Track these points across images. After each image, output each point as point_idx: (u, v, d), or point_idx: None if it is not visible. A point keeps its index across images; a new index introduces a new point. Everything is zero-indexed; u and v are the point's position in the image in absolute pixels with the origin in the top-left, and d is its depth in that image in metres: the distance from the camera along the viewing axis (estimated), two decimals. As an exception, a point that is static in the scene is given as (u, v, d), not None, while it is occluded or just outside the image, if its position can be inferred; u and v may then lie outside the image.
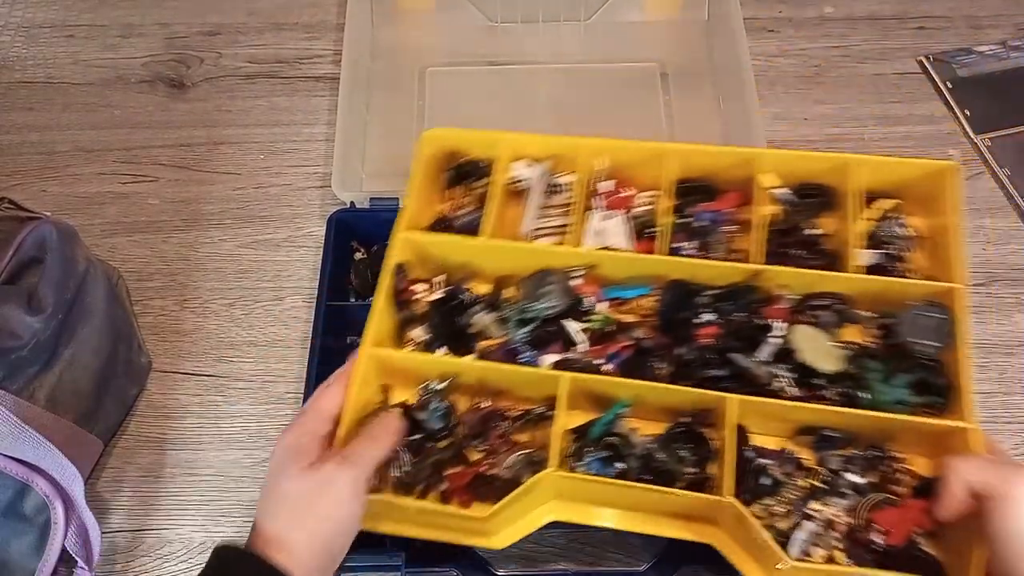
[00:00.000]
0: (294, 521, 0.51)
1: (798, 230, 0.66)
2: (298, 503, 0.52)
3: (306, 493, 0.52)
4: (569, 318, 0.64)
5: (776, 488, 0.57)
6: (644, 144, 0.68)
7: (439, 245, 0.67)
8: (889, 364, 0.59)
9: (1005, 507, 0.47)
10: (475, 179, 0.70)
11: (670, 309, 0.63)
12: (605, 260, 0.65)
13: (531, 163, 0.70)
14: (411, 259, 0.66)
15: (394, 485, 0.60)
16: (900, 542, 0.55)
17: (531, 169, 0.70)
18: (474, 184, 0.70)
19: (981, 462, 0.51)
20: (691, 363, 0.61)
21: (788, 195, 0.67)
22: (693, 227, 0.66)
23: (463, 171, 0.71)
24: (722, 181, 0.69)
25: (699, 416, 0.60)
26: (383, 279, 0.64)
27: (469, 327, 0.65)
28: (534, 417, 0.63)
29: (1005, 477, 0.48)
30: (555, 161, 0.70)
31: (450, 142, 0.71)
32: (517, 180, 0.69)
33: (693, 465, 0.59)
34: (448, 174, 0.71)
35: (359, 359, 0.60)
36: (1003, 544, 0.47)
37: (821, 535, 0.56)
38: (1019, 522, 0.47)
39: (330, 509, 0.52)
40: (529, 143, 0.70)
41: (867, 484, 0.57)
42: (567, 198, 0.69)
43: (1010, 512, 0.47)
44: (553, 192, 0.70)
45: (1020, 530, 0.47)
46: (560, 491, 0.59)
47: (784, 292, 0.62)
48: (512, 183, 0.69)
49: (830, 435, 0.59)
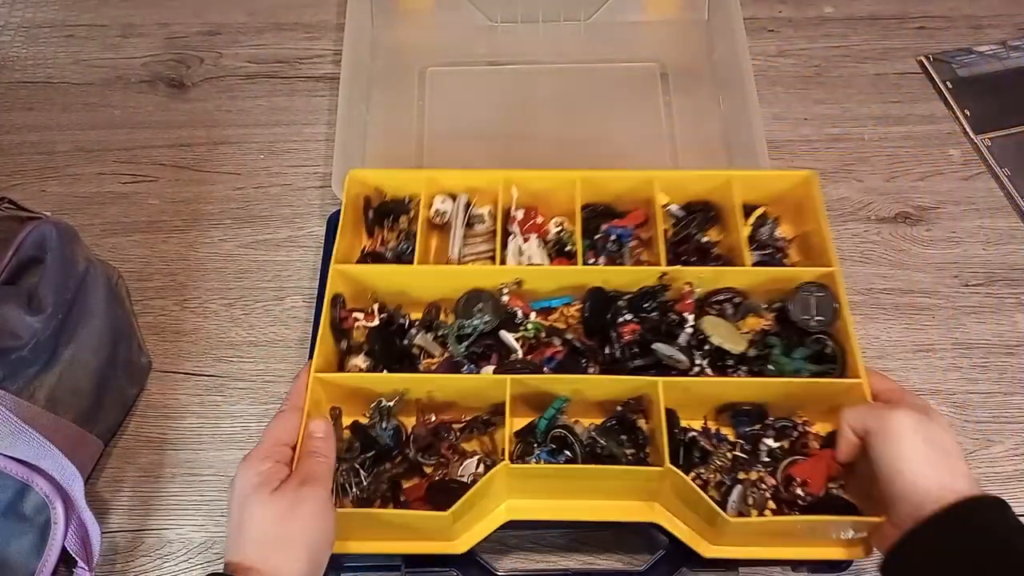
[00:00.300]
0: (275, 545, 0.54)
1: (693, 239, 0.76)
2: (276, 527, 0.54)
3: (281, 518, 0.54)
4: (503, 330, 0.70)
5: (706, 458, 0.65)
6: (552, 173, 0.76)
7: (374, 275, 0.73)
8: (787, 340, 0.69)
9: (879, 439, 0.58)
10: (394, 217, 0.77)
11: (593, 314, 0.70)
12: (530, 275, 0.72)
13: (445, 198, 0.77)
14: (346, 291, 0.72)
15: (353, 502, 0.63)
16: (819, 491, 0.63)
17: (449, 203, 0.77)
18: (394, 224, 0.77)
19: (863, 408, 0.61)
20: (619, 359, 0.68)
21: (680, 211, 0.78)
22: (603, 244, 0.75)
23: (383, 210, 0.77)
24: (626, 202, 0.78)
25: (631, 405, 0.66)
26: (324, 310, 0.68)
27: (411, 348, 0.71)
28: (480, 424, 0.68)
29: (880, 416, 0.58)
30: (471, 193, 0.77)
31: (373, 181, 0.77)
32: (441, 213, 0.76)
33: (632, 447, 0.65)
34: (370, 215, 0.77)
35: (310, 385, 0.64)
36: (880, 468, 0.57)
37: (753, 495, 0.63)
38: (890, 448, 0.57)
39: (307, 524, 0.55)
40: (446, 178, 0.77)
41: (780, 449, 0.66)
42: (487, 227, 0.77)
43: (882, 442, 0.57)
44: (474, 223, 0.77)
45: (891, 455, 0.57)
46: (514, 489, 0.63)
47: (689, 289, 0.70)
48: (434, 216, 0.76)
49: (746, 410, 0.68)
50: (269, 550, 0.53)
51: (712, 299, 0.71)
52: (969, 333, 0.79)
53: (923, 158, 0.91)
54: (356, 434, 0.68)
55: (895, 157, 0.91)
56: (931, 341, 0.79)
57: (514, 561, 0.68)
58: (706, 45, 0.97)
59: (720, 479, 0.64)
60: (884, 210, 0.87)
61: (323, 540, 0.56)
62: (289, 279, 0.84)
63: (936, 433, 0.57)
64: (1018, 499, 0.71)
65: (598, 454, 0.65)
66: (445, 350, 0.71)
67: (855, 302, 0.81)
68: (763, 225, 0.76)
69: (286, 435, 0.61)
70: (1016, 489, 0.72)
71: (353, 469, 0.65)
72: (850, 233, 0.86)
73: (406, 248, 0.75)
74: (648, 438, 0.66)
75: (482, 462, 0.66)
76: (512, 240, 0.75)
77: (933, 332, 0.80)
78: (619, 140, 0.90)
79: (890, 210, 0.87)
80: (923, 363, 0.78)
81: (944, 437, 0.57)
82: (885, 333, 0.80)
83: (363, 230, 0.78)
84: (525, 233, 0.76)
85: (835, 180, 0.89)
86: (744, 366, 0.69)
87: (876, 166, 0.90)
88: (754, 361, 0.69)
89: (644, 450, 0.66)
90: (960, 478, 0.55)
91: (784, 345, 0.69)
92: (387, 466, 0.66)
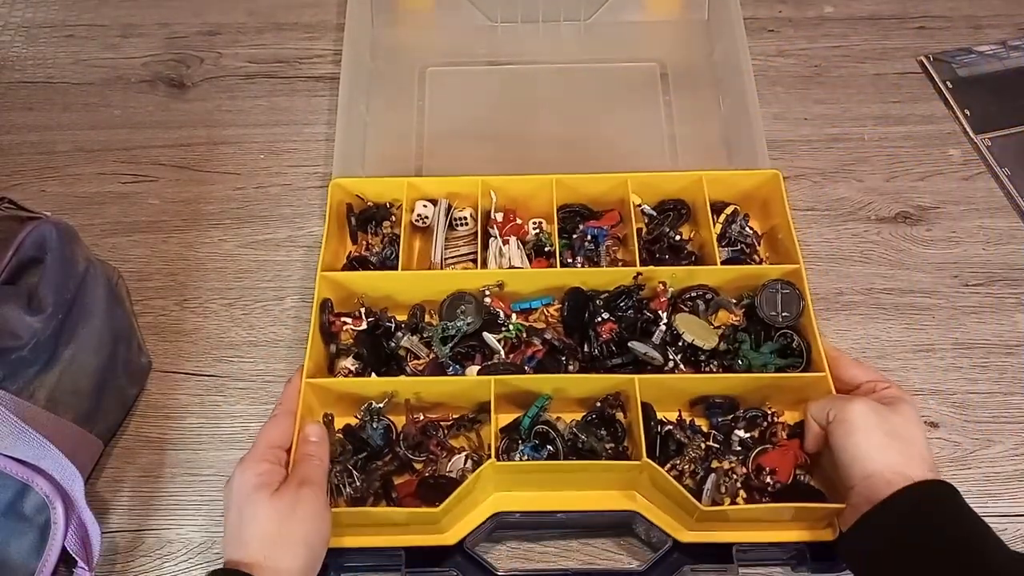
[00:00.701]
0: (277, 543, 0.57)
1: (665, 237, 0.79)
2: (278, 526, 0.57)
3: (282, 518, 0.57)
4: (486, 332, 0.73)
5: (681, 450, 0.69)
6: (529, 177, 0.79)
7: (360, 281, 0.75)
8: (756, 335, 0.72)
9: (837, 429, 0.62)
10: (377, 223, 0.79)
11: (572, 313, 0.73)
12: (511, 277, 0.74)
13: (426, 203, 0.80)
14: (334, 296, 0.74)
15: (347, 501, 0.66)
16: (786, 479, 0.66)
17: (431, 208, 0.80)
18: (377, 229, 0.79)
19: (824, 400, 0.65)
20: (597, 356, 0.72)
21: (652, 210, 0.81)
22: (580, 243, 0.77)
23: (366, 216, 0.80)
24: (600, 203, 0.81)
25: (610, 400, 0.70)
26: (313, 317, 0.71)
27: (398, 351, 0.73)
28: (467, 422, 0.71)
29: (841, 407, 0.62)
30: (451, 198, 0.80)
31: (355, 189, 0.80)
32: (422, 218, 0.79)
33: (611, 442, 0.69)
34: (353, 221, 0.80)
35: (302, 391, 0.66)
36: (839, 456, 0.61)
37: (725, 484, 0.66)
38: (847, 438, 0.61)
39: (306, 524, 0.58)
40: (426, 184, 0.80)
41: (750, 439, 0.70)
42: (468, 230, 0.79)
43: (840, 431, 0.61)
44: (455, 226, 0.80)
45: (847, 444, 0.61)
46: (501, 483, 0.66)
47: (663, 288, 0.73)
48: (416, 220, 0.79)
49: (718, 402, 0.71)
50: (271, 548, 0.56)
51: (685, 295, 0.75)
52: (969, 333, 0.79)
53: (923, 158, 0.91)
54: (348, 437, 0.70)
55: (895, 157, 0.91)
56: (931, 341, 0.79)
57: (514, 561, 0.68)
58: (706, 45, 0.97)
59: (694, 468, 0.68)
60: (884, 210, 0.87)
61: (320, 538, 0.59)
62: (289, 279, 0.84)
63: (894, 423, 0.61)
64: (1018, 499, 0.71)
65: (579, 448, 0.68)
66: (431, 351, 0.73)
67: (855, 302, 0.81)
68: (733, 222, 0.79)
69: (280, 438, 0.64)
70: (1016, 489, 0.71)
71: (346, 470, 0.67)
72: (850, 233, 0.86)
73: (390, 253, 0.77)
74: (626, 431, 0.69)
75: (469, 458, 0.68)
76: (492, 242, 0.77)
77: (933, 332, 0.80)
78: (619, 140, 0.90)
79: (890, 210, 0.87)
80: (923, 363, 0.78)
81: (905, 426, 0.61)
82: (885, 333, 0.80)
83: (347, 236, 0.81)
84: (505, 235, 0.78)
85: (835, 180, 0.89)
86: (716, 360, 0.72)
87: (876, 166, 0.90)
88: (725, 355, 0.72)
89: (623, 443, 0.69)
90: (915, 465, 0.59)
91: (753, 340, 0.72)
92: (378, 464, 0.69)
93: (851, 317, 0.80)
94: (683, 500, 0.63)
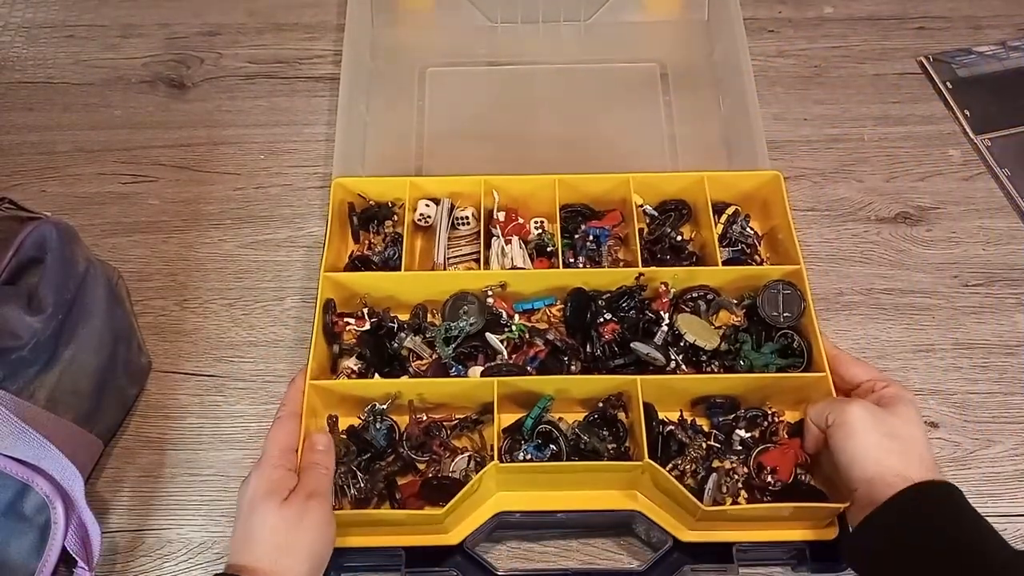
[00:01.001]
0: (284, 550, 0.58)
1: (667, 238, 0.79)
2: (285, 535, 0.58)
3: (290, 527, 0.59)
4: (489, 332, 0.73)
5: (682, 450, 0.68)
6: (531, 176, 0.79)
7: (363, 281, 0.75)
8: (757, 335, 0.73)
9: (836, 431, 0.62)
10: (378, 222, 0.79)
11: (575, 314, 0.73)
12: (514, 278, 0.74)
13: (428, 203, 0.79)
14: (336, 297, 0.74)
15: (352, 502, 0.66)
16: (787, 478, 0.66)
17: (433, 207, 0.79)
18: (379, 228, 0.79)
19: (823, 403, 0.65)
20: (599, 357, 0.72)
21: (653, 211, 0.81)
22: (582, 243, 0.78)
23: (368, 216, 0.80)
24: (602, 203, 0.81)
25: (612, 400, 0.70)
26: (316, 317, 0.71)
27: (400, 351, 0.73)
28: (470, 423, 0.71)
29: (839, 410, 0.63)
30: (454, 197, 0.80)
31: (357, 188, 0.80)
32: (425, 217, 0.79)
33: (612, 442, 0.69)
34: (355, 220, 0.80)
35: (306, 393, 0.67)
36: (838, 458, 0.62)
37: (727, 484, 0.67)
38: (845, 440, 0.61)
39: (312, 534, 0.59)
40: (428, 184, 0.80)
41: (751, 438, 0.70)
42: (470, 229, 0.79)
43: (839, 434, 0.62)
44: (457, 225, 0.79)
45: (846, 446, 0.61)
46: (503, 483, 0.66)
47: (665, 288, 0.73)
48: (419, 220, 0.79)
49: (719, 402, 0.71)
50: (278, 554, 0.57)
51: (687, 296, 0.75)
52: (969, 333, 0.79)
53: (923, 158, 0.91)
54: (352, 438, 0.70)
55: (895, 157, 0.91)
56: (931, 341, 0.79)
57: (514, 561, 0.68)
58: (706, 45, 0.97)
59: (696, 468, 0.68)
60: (884, 210, 0.87)
61: (325, 547, 0.61)
62: (289, 279, 0.84)
63: (893, 424, 0.61)
64: (1018, 499, 0.71)
65: (581, 449, 0.68)
66: (434, 352, 0.73)
67: (855, 302, 0.81)
68: (734, 223, 0.80)
69: (288, 440, 0.64)
70: (1016, 489, 0.72)
71: (351, 471, 0.67)
72: (850, 233, 0.86)
73: (393, 252, 0.78)
74: (628, 431, 0.70)
75: (472, 458, 0.69)
76: (495, 242, 0.77)
77: (933, 332, 0.80)
78: (619, 141, 0.90)
79: (890, 210, 0.87)
80: (923, 363, 0.78)
81: (905, 427, 0.61)
82: (885, 333, 0.80)
83: (349, 236, 0.81)
84: (507, 235, 0.78)
85: (835, 180, 0.89)
86: (717, 360, 0.73)
87: (876, 166, 0.90)
88: (726, 356, 0.73)
89: (625, 443, 0.69)
90: (915, 466, 0.59)
91: (754, 340, 0.73)
92: (382, 464, 0.69)
93: (851, 317, 0.80)
94: (685, 500, 0.63)
